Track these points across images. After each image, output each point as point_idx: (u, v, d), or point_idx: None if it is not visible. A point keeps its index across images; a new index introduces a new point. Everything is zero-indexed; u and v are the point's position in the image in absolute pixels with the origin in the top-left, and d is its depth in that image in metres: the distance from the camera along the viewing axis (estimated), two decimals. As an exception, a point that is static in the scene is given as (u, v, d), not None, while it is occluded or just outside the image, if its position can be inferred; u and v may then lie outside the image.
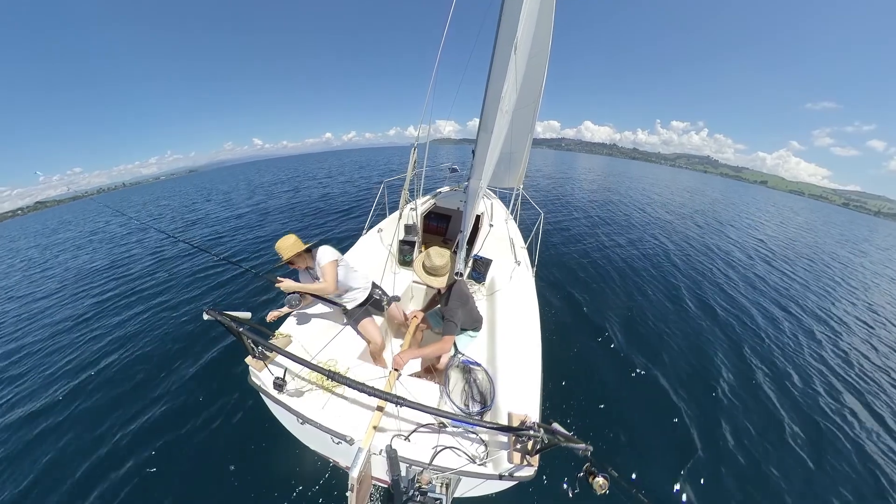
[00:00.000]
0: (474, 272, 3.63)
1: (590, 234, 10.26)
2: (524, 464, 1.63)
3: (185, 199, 24.07)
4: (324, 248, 2.52)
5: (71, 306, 6.84)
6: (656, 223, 13.35)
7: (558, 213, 12.92)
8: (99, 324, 5.78)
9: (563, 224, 11.32)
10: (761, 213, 25.30)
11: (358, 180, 21.60)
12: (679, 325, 5.46)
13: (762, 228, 17.13)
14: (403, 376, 2.23)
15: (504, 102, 2.48)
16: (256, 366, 2.07)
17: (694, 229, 13.33)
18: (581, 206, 14.90)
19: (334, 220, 11.34)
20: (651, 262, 8.29)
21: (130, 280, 7.75)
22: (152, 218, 17.45)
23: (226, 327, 1.83)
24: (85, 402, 3.86)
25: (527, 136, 4.44)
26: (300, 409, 1.92)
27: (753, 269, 9.25)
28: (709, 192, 36.63)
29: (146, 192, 45.09)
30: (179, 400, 3.71)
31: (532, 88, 3.66)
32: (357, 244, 4.04)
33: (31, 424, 3.63)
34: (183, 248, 9.13)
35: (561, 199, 16.38)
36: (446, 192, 5.90)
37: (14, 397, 4.14)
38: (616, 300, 6.04)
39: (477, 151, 2.98)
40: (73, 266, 10.18)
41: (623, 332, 5.04)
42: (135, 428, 3.39)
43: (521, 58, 2.46)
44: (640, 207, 16.73)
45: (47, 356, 4.98)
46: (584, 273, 7.16)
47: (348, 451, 1.80)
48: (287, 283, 2.40)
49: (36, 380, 4.43)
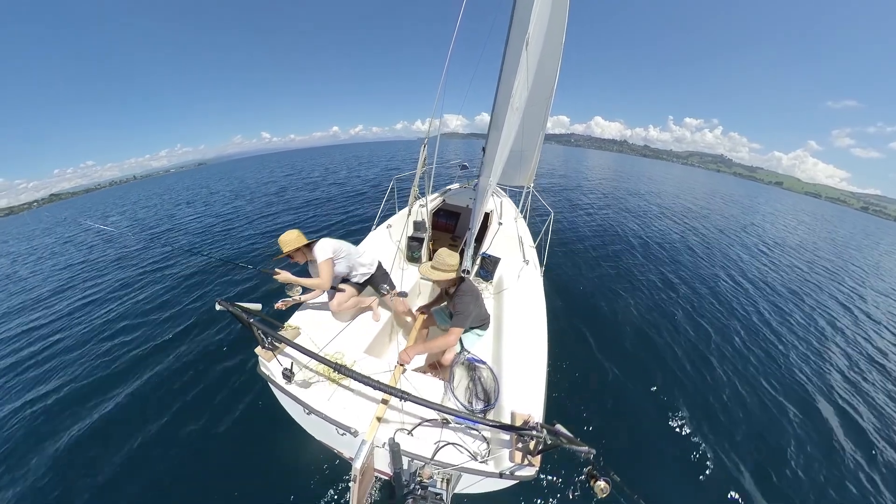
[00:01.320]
0: (482, 270, 3.62)
1: (601, 235, 10.12)
2: (525, 463, 1.64)
3: (178, 197, 24.48)
4: (321, 244, 2.58)
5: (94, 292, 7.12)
6: (674, 225, 13.08)
7: (568, 212, 12.77)
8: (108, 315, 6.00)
9: (574, 223, 11.19)
10: (791, 218, 24.52)
11: (352, 179, 20.73)
12: (693, 333, 5.34)
13: (793, 235, 16.60)
14: (408, 372, 2.26)
15: (515, 99, 2.45)
16: (266, 356, 2.12)
17: (716, 234, 13.02)
18: (592, 204, 14.69)
19: (339, 216, 11.43)
20: (666, 268, 8.10)
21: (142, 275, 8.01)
22: (160, 215, 17.80)
23: (237, 318, 1.87)
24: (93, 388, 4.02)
25: (538, 134, 4.38)
26: (307, 399, 1.96)
27: (767, 276, 9.03)
28: (735, 196, 34.70)
29: (157, 185, 45.98)
30: (189, 387, 3.81)
31: (544, 85, 3.60)
32: (366, 239, 4.06)
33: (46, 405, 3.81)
34: (181, 249, 9.13)
35: (571, 198, 16.16)
36: (456, 189, 5.88)
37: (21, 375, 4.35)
38: (628, 304, 5.93)
39: (487, 149, 2.96)
40: (95, 258, 10.55)
41: (634, 336, 4.97)
42: (148, 414, 3.51)
43: (533, 54, 2.42)
44: (655, 207, 16.42)
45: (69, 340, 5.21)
46: (595, 274, 7.07)
47: (352, 442, 1.83)
48: (284, 275, 2.47)
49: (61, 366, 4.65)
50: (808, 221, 25.56)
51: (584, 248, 8.73)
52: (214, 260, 6.64)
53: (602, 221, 11.90)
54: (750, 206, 27.05)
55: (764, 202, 35.07)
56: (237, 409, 3.42)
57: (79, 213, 26.11)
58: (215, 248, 9.08)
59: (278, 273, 2.46)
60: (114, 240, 11.76)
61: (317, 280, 2.55)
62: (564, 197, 16.35)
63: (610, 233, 10.49)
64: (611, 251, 8.72)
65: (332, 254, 2.58)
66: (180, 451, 3.09)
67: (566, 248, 8.50)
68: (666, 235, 11.20)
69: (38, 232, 20.16)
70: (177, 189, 30.14)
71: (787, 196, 45.38)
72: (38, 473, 2.98)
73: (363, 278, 2.88)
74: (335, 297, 2.70)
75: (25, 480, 2.93)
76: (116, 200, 28.01)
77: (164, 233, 12.19)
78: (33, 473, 2.99)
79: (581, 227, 10.76)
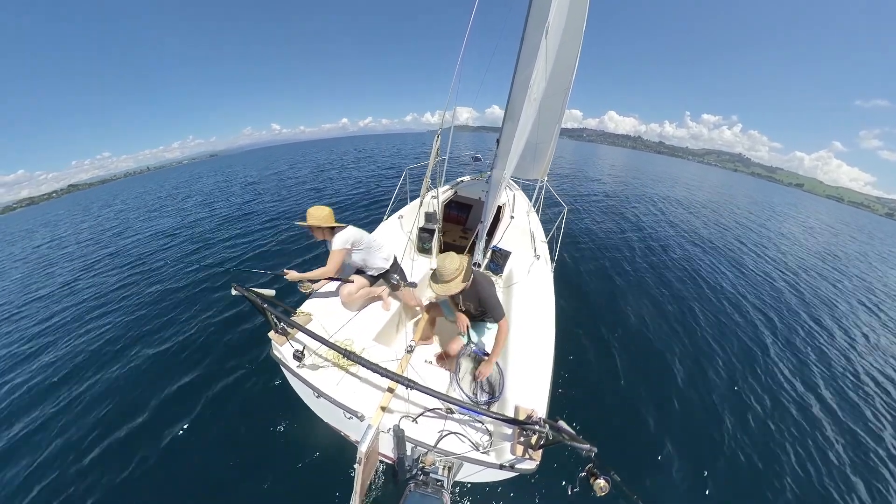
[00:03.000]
0: (492, 263, 3.61)
1: (615, 233, 9.90)
2: (526, 457, 1.65)
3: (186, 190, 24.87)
4: (342, 233, 2.60)
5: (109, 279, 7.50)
6: (687, 227, 12.65)
7: (582, 208, 12.51)
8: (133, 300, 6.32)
9: (587, 220, 10.98)
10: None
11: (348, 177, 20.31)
12: (707, 337, 5.20)
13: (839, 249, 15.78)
14: (415, 361, 2.29)
15: (532, 90, 2.39)
16: (278, 340, 2.19)
17: (719, 231, 12.59)
18: (606, 202, 14.36)
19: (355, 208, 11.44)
20: (679, 269, 7.86)
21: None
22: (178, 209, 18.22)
23: (251, 303, 1.93)
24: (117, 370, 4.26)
25: (554, 126, 4.26)
26: (316, 383, 2.01)
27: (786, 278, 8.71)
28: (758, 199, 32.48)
29: (174, 175, 47.01)
30: (205, 368, 3.96)
31: (563, 75, 3.48)
32: (377, 230, 4.08)
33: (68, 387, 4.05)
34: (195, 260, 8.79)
35: (584, 194, 15.82)
36: (468, 182, 5.83)
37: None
38: (641, 305, 5.80)
39: (501, 141, 2.91)
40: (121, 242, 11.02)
41: (644, 338, 4.88)
42: (163, 393, 3.65)
43: (552, 42, 2.35)
44: (673, 206, 15.89)
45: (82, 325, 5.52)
46: (607, 273, 6.93)
47: (359, 426, 1.89)
48: (292, 273, 2.54)
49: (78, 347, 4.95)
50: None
51: (596, 245, 8.56)
52: (232, 269, 6.91)
53: (614, 218, 11.65)
54: (781, 212, 25.36)
55: (803, 210, 32.35)
56: (249, 392, 3.55)
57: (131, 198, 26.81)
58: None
59: (287, 273, 2.54)
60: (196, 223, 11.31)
61: (321, 269, 2.56)
62: (576, 192, 16.01)
63: (622, 231, 10.25)
64: (625, 251, 8.53)
65: (348, 245, 2.60)
66: (191, 431, 3.22)
67: (578, 244, 8.36)
68: (678, 236, 10.88)
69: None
70: (235, 171, 30.05)
71: (810, 199, 41.80)
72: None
73: (378, 272, 2.88)
74: (344, 288, 2.73)
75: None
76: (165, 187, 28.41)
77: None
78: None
79: (596, 224, 10.55)
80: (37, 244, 13.81)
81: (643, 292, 6.30)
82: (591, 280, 6.49)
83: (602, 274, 6.86)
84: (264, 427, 3.13)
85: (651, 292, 6.35)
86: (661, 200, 17.09)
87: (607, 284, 6.44)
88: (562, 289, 3.56)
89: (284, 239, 8.16)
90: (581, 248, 8.15)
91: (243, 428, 3.18)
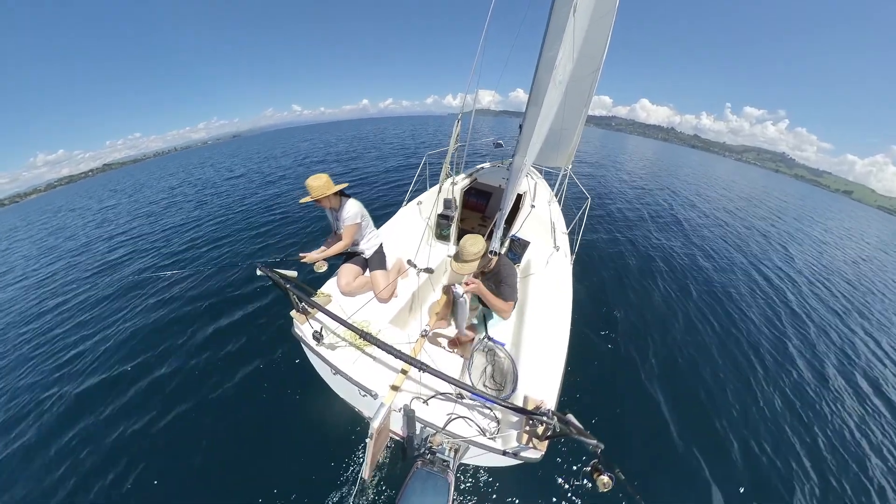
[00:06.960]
0: (510, 252, 3.56)
1: (640, 227, 9.45)
2: (531, 446, 1.67)
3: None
4: (350, 205, 2.63)
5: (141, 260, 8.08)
6: (725, 230, 11.81)
7: (606, 198, 12.00)
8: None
9: (611, 212, 10.54)
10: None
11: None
12: (726, 341, 4.97)
13: None
14: (429, 345, 2.34)
15: (558, 72, 2.27)
16: (299, 318, 2.29)
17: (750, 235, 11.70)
18: (633, 195, 13.70)
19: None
20: (706, 273, 7.37)
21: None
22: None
23: (275, 283, 2.01)
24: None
25: (581, 112, 4.06)
26: (334, 360, 2.11)
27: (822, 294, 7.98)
28: None
29: (195, 156, 48.06)
30: (229, 343, 4.23)
31: (592, 57, 3.27)
32: (396, 215, 4.11)
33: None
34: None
35: (610, 184, 15.15)
36: (489, 168, 5.72)
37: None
38: (661, 304, 5.57)
39: (524, 126, 2.81)
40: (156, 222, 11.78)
41: (664, 340, 4.69)
42: (188, 369, 3.93)
43: (581, 20, 2.20)
44: (717, 211, 14.81)
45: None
46: (629, 269, 6.65)
47: (372, 404, 1.97)
48: (310, 255, 2.63)
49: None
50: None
51: (623, 240, 8.21)
52: (248, 265, 7.20)
53: (639, 210, 11.12)
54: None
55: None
56: (270, 368, 3.77)
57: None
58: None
59: (304, 256, 2.62)
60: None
61: (339, 244, 2.66)
62: (603, 182, 15.33)
63: (652, 227, 9.76)
64: (654, 247, 8.15)
65: (360, 219, 2.66)
66: (213, 403, 3.47)
67: (602, 238, 8.07)
68: (705, 236, 10.29)
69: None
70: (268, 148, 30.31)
71: (859, 209, 36.29)
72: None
73: (370, 252, 2.87)
74: (340, 277, 2.75)
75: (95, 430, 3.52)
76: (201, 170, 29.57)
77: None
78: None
79: (620, 217, 10.11)
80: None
81: (674, 296, 5.95)
82: (614, 275, 6.26)
83: (627, 272, 6.56)
84: (281, 400, 3.38)
85: (681, 297, 5.99)
86: (697, 198, 15.93)
87: (633, 281, 6.19)
88: (580, 281, 3.46)
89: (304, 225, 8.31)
90: (603, 242, 7.87)
91: (258, 402, 3.42)
